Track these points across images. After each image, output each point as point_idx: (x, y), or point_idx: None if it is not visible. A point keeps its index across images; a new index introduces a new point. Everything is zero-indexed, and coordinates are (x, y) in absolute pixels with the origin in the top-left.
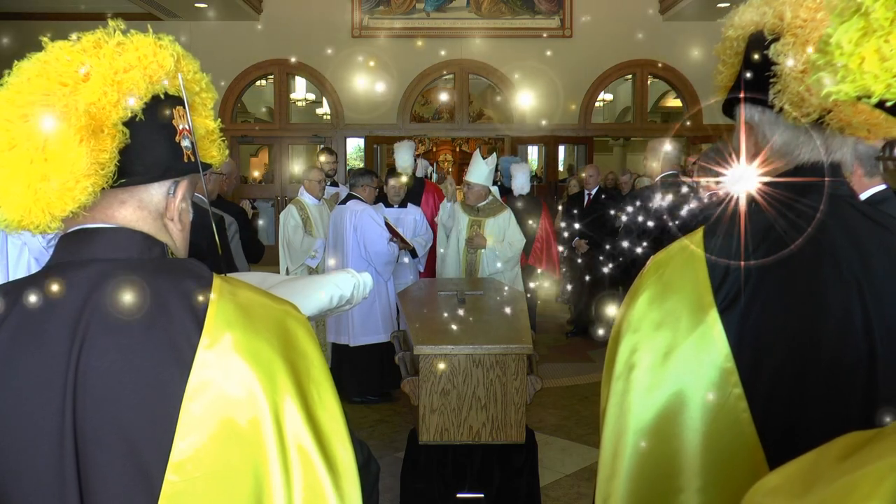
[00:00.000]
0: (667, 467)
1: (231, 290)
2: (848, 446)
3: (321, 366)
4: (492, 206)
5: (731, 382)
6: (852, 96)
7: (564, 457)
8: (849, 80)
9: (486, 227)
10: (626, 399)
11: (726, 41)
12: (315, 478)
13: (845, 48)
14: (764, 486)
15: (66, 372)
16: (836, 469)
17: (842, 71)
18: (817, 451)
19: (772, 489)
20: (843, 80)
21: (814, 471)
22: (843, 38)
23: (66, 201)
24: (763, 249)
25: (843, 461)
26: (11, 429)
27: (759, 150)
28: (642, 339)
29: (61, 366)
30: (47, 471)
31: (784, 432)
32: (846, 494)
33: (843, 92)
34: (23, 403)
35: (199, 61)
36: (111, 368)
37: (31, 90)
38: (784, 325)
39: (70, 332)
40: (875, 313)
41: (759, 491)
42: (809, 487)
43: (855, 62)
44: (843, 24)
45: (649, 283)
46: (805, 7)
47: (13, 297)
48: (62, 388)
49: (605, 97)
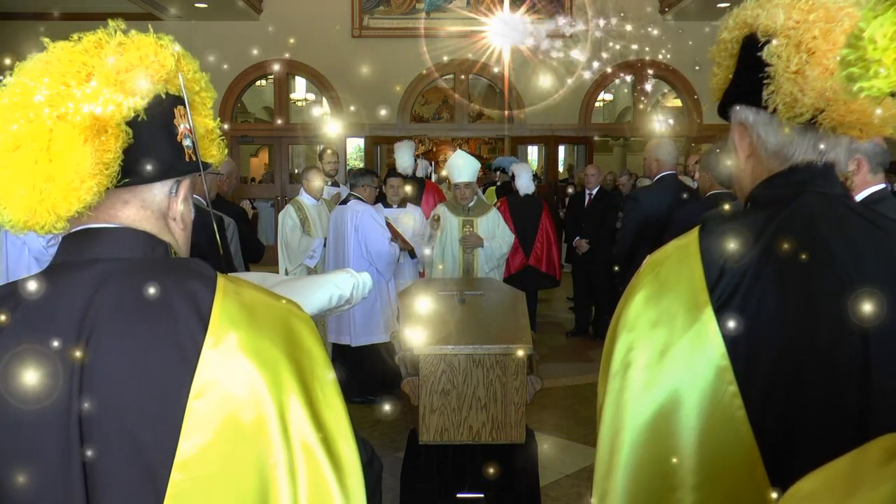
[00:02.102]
0: (663, 464)
1: (235, 290)
2: (888, 449)
3: (325, 364)
4: (480, 206)
5: (727, 380)
6: (885, 92)
7: (564, 457)
8: (882, 75)
9: (478, 226)
10: (623, 397)
11: (721, 43)
12: (320, 475)
13: (879, 43)
14: (799, 490)
15: (70, 373)
16: (880, 473)
17: (874, 66)
18: (854, 455)
19: (808, 494)
20: (877, 75)
21: (854, 475)
22: (877, 32)
23: (71, 201)
24: (758, 248)
25: (885, 465)
26: (17, 428)
27: (754, 151)
28: (638, 338)
29: (66, 365)
30: (53, 469)
31: (779, 430)
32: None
33: (877, 88)
34: (28, 402)
35: (199, 61)
36: (116, 368)
37: (35, 91)
38: (779, 324)
39: (75, 331)
40: None
41: (794, 496)
42: (852, 492)
43: (890, 57)
44: (876, 19)
45: (645, 282)
46: (798, 9)
47: (18, 296)
48: (67, 388)
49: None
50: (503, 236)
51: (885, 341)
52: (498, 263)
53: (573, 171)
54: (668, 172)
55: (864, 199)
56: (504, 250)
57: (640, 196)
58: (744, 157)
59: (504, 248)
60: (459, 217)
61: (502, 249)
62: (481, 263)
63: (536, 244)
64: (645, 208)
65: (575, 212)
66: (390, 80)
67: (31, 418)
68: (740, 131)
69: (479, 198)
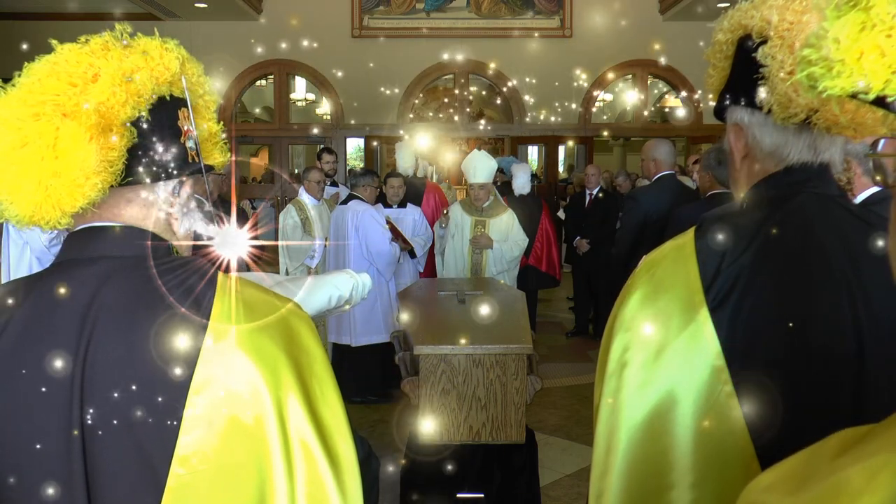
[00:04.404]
0: (659, 464)
1: (235, 288)
2: (842, 443)
3: (323, 362)
4: (494, 207)
5: (722, 380)
6: (848, 91)
7: (564, 457)
8: (845, 74)
9: (491, 227)
10: (619, 396)
11: (716, 45)
12: (317, 472)
13: (843, 43)
14: (759, 483)
15: (73, 366)
16: (831, 465)
17: (837, 66)
18: (812, 448)
19: (767, 486)
20: (839, 75)
21: (808, 467)
22: (840, 32)
23: (75, 197)
24: (753, 248)
25: (837, 458)
26: (20, 421)
27: (750, 151)
28: (634, 338)
29: (69, 360)
30: (54, 463)
31: (774, 429)
32: (839, 491)
33: (839, 87)
34: (31, 397)
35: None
36: (118, 363)
37: (42, 90)
38: (774, 323)
39: (78, 327)
40: (864, 311)
41: (754, 488)
42: (804, 484)
43: (853, 57)
44: (840, 19)
45: (641, 283)
46: (791, 10)
47: (23, 292)
48: (70, 383)
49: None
50: (516, 239)
51: (880, 341)
52: (508, 266)
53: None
54: (666, 172)
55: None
56: (515, 253)
57: (639, 196)
58: (739, 157)
59: (515, 251)
60: (473, 217)
61: (513, 252)
62: (490, 265)
63: (536, 244)
64: (644, 208)
65: (575, 212)
66: (390, 80)
67: (33, 412)
68: (736, 132)
69: (495, 199)
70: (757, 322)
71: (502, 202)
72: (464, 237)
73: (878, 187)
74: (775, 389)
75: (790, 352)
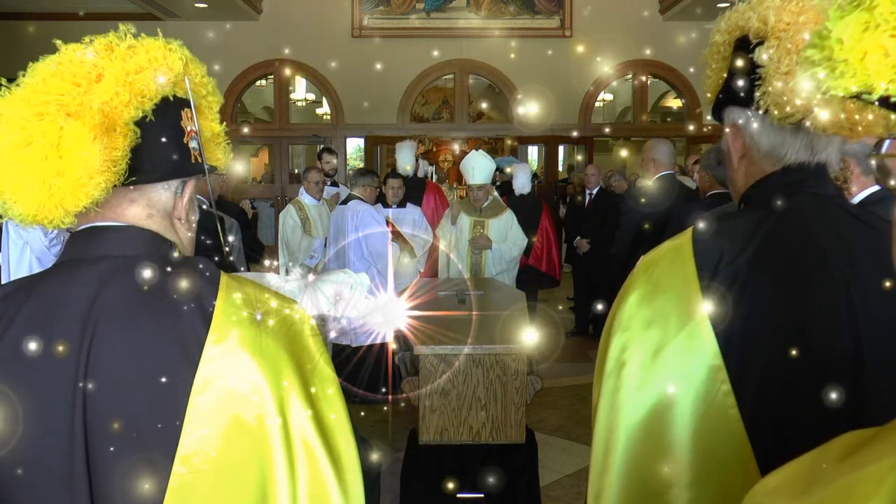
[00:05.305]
0: (657, 463)
1: (238, 288)
2: (848, 445)
3: (326, 362)
4: (493, 207)
5: (720, 379)
6: (851, 92)
7: (564, 457)
8: (849, 75)
9: (490, 227)
10: (617, 396)
11: (713, 46)
12: (319, 471)
13: (846, 43)
14: (765, 486)
15: (76, 366)
16: (837, 469)
17: (841, 66)
18: (817, 451)
19: (772, 489)
20: (843, 75)
21: (814, 471)
22: (844, 32)
23: (79, 197)
24: (751, 249)
25: (843, 461)
26: (23, 421)
27: (747, 152)
28: (632, 338)
29: (71, 360)
30: (57, 462)
31: (772, 428)
32: (846, 495)
33: (843, 87)
34: (34, 397)
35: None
36: (120, 363)
37: (46, 90)
38: (772, 323)
39: (80, 327)
40: (861, 311)
41: (759, 491)
42: (809, 487)
43: (856, 57)
44: (843, 19)
45: (639, 283)
46: (788, 11)
47: (25, 292)
48: (72, 382)
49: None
50: (515, 239)
51: (878, 341)
52: (508, 266)
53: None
54: (665, 172)
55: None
56: (514, 253)
57: (638, 196)
58: (737, 157)
59: (514, 251)
60: (472, 217)
61: (512, 252)
62: (489, 265)
63: (536, 244)
64: (643, 208)
65: (575, 212)
66: (390, 80)
67: (36, 412)
68: (733, 132)
69: (494, 199)
70: (754, 321)
71: (501, 202)
72: (463, 238)
73: (877, 187)
74: (773, 389)
75: (787, 351)
